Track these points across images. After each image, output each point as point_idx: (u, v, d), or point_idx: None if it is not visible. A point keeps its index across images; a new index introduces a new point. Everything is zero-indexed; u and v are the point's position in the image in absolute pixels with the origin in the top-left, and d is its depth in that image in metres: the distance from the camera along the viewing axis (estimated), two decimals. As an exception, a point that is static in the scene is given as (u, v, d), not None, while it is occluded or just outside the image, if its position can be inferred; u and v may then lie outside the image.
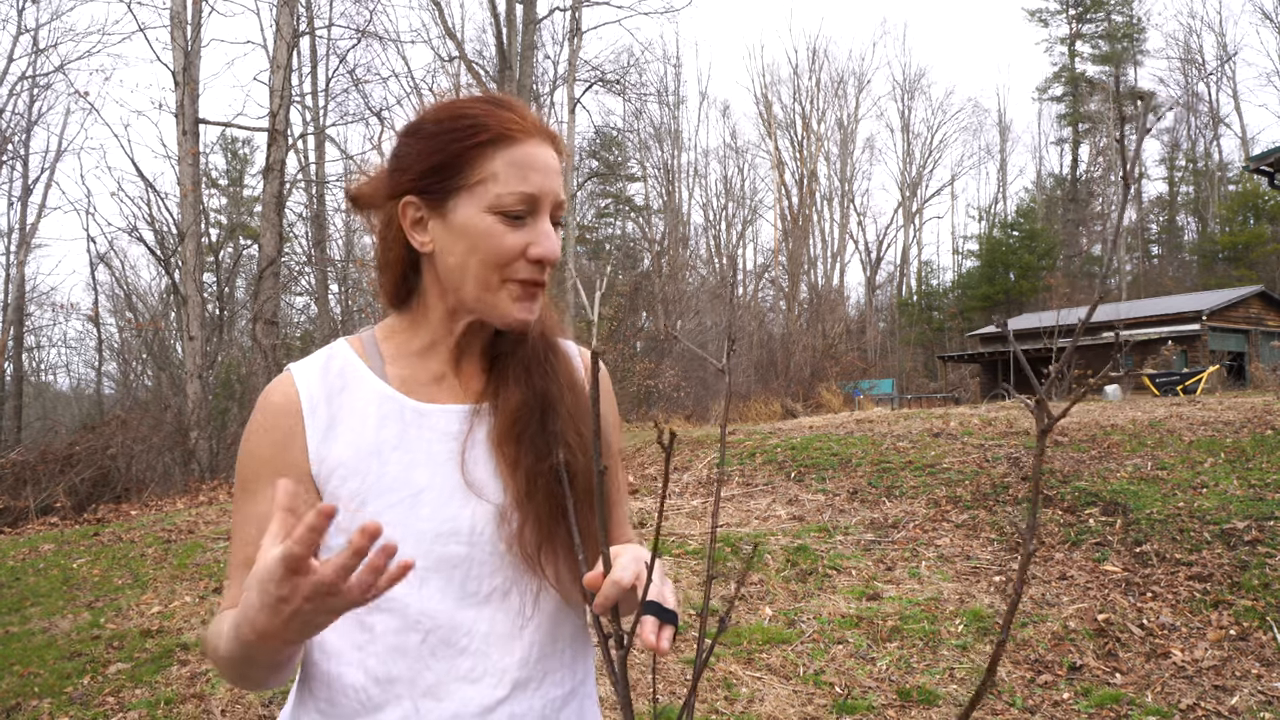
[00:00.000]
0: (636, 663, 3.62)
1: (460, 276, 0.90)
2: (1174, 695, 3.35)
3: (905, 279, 44.11)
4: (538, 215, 0.90)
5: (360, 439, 0.90)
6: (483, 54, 24.10)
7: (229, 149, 32.84)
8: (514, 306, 0.91)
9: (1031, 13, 45.13)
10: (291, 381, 0.92)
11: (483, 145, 0.88)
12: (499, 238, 0.88)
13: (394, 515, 0.88)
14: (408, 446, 0.91)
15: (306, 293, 21.58)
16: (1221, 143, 42.01)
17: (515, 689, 0.90)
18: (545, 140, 0.91)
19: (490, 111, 0.90)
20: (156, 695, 3.52)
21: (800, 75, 45.82)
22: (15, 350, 20.05)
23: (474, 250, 0.89)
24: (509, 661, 0.90)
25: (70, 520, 8.24)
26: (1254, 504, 4.91)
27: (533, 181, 0.88)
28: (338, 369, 0.94)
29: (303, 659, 0.93)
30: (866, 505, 6.01)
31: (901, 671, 3.59)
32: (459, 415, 0.94)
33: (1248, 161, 15.10)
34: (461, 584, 0.89)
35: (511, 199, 0.87)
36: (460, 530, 0.89)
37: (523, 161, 0.88)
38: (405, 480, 0.89)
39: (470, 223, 0.88)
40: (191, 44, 12.59)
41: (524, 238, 0.89)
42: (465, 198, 0.89)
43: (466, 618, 0.89)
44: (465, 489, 0.91)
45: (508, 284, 0.90)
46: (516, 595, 0.92)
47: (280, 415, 0.90)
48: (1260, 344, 25.25)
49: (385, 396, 0.92)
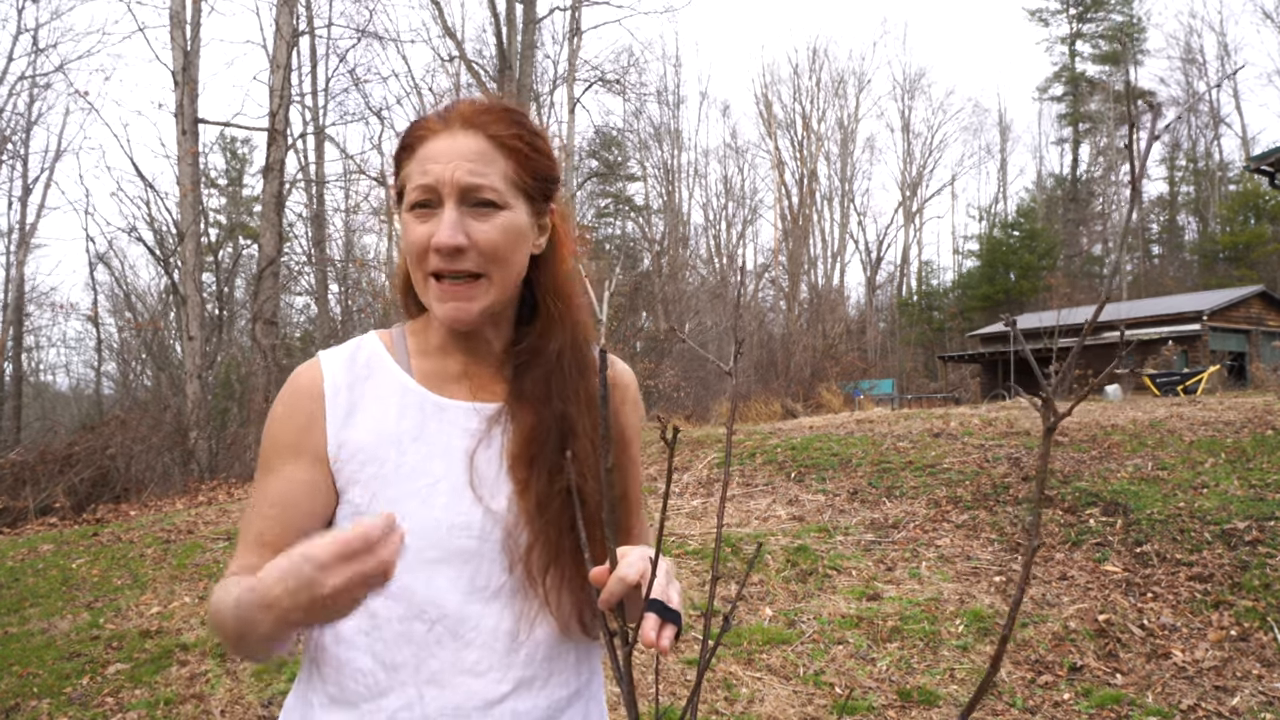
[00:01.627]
0: (638, 663, 3.62)
1: (411, 277, 0.95)
2: (1175, 696, 3.34)
3: (905, 279, 44.13)
4: (445, 205, 0.90)
5: (381, 427, 0.93)
6: (483, 54, 24.08)
7: (228, 149, 32.83)
8: (439, 306, 0.92)
9: (1032, 12, 45.14)
10: (318, 366, 0.96)
11: (402, 153, 0.94)
12: (410, 231, 0.91)
13: (409, 505, 0.90)
14: (427, 439, 0.93)
15: (306, 292, 21.59)
16: (1222, 142, 42.03)
17: (519, 686, 0.91)
18: (464, 130, 0.91)
19: (416, 121, 0.95)
20: (156, 695, 3.51)
21: (800, 75, 45.91)
22: (14, 350, 20.05)
23: (404, 249, 0.94)
24: (514, 659, 0.91)
25: (69, 520, 8.24)
26: (1254, 504, 4.91)
27: (430, 172, 0.90)
28: (364, 358, 0.97)
29: (312, 644, 0.95)
30: (867, 505, 6.00)
31: (902, 672, 3.58)
32: (478, 414, 0.95)
33: (1248, 161, 15.10)
34: (471, 578, 0.90)
35: (414, 194, 0.91)
36: (472, 525, 0.90)
37: (425, 157, 0.91)
38: (422, 471, 0.91)
39: (403, 224, 0.93)
40: (191, 44, 12.58)
41: (429, 229, 0.90)
42: (402, 204, 0.94)
43: (474, 611, 0.90)
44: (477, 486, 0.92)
45: (430, 281, 0.92)
46: (526, 594, 0.92)
47: (303, 398, 0.94)
48: (1261, 344, 25.24)
49: (407, 388, 0.95)
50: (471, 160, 0.90)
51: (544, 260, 0.99)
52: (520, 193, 0.94)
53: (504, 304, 0.96)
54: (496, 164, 0.91)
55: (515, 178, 0.93)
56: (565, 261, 1.01)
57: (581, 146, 30.92)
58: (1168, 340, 22.91)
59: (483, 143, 0.91)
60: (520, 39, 17.71)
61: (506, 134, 0.92)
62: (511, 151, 0.93)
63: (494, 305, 0.93)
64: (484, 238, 0.90)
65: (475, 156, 0.90)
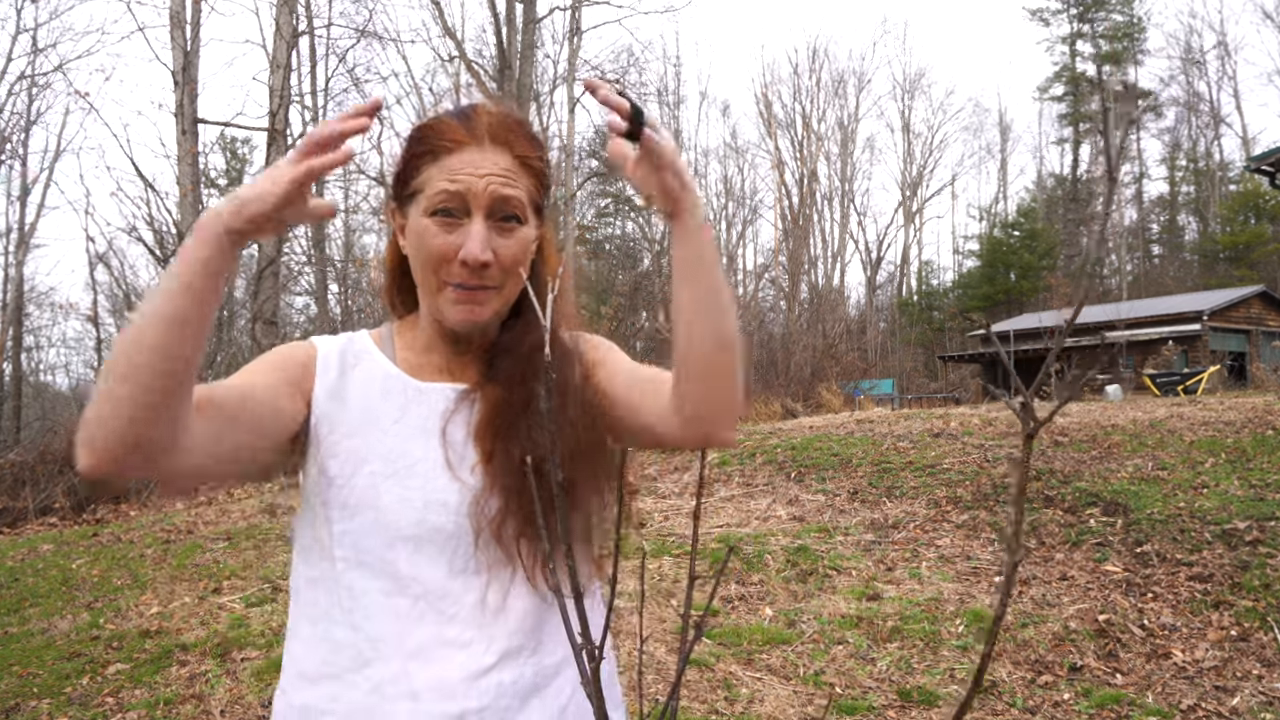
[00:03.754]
0: (636, 664, 3.61)
1: (418, 278, 0.97)
2: (1175, 696, 3.34)
3: (905, 279, 44.12)
4: (472, 215, 0.92)
5: (364, 406, 0.96)
6: (483, 53, 24.07)
7: (228, 149, 32.83)
8: (451, 309, 0.94)
9: (1032, 12, 45.10)
10: (312, 343, 1.00)
11: (423, 156, 0.94)
12: (431, 238, 0.93)
13: (389, 484, 0.92)
14: (406, 420, 0.96)
15: (306, 292, 21.59)
16: (1222, 142, 42.02)
17: (504, 658, 0.91)
18: (493, 145, 0.94)
19: (440, 123, 0.95)
20: (155, 696, 3.51)
21: (800, 75, 45.84)
22: (14, 350, 20.05)
23: (418, 252, 0.95)
24: (497, 630, 0.92)
25: (69, 521, 8.24)
26: (1255, 504, 4.91)
27: (460, 180, 0.91)
28: (355, 350, 1.01)
29: (288, 630, 0.98)
30: (867, 505, 6.00)
31: (902, 672, 3.58)
32: (454, 395, 0.98)
33: (1248, 161, 15.10)
34: (452, 554, 0.92)
35: (439, 198, 0.92)
36: (449, 503, 0.92)
37: (453, 166, 0.92)
38: (401, 451, 0.94)
39: (415, 227, 0.94)
40: (191, 44, 12.57)
41: (455, 240, 0.92)
42: (414, 204, 0.95)
43: (456, 587, 0.91)
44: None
45: (446, 287, 0.94)
46: (504, 565, 0.93)
47: (298, 352, 0.98)
48: (1261, 344, 25.23)
49: (390, 374, 0.99)
50: (503, 176, 0.93)
51: (532, 263, 1.02)
52: (534, 209, 0.98)
53: (506, 309, 1.00)
54: (522, 182, 0.95)
55: (534, 195, 0.98)
56: (550, 265, 1.05)
57: (581, 146, 30.91)
58: (1168, 340, 22.91)
59: (510, 160, 0.95)
60: (520, 39, 17.71)
61: (531, 154, 0.97)
62: (533, 172, 0.97)
63: (502, 311, 0.98)
64: (507, 253, 0.94)
65: (505, 173, 0.94)
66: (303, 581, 0.97)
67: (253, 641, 4.03)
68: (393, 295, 1.07)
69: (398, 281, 1.05)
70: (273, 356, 0.98)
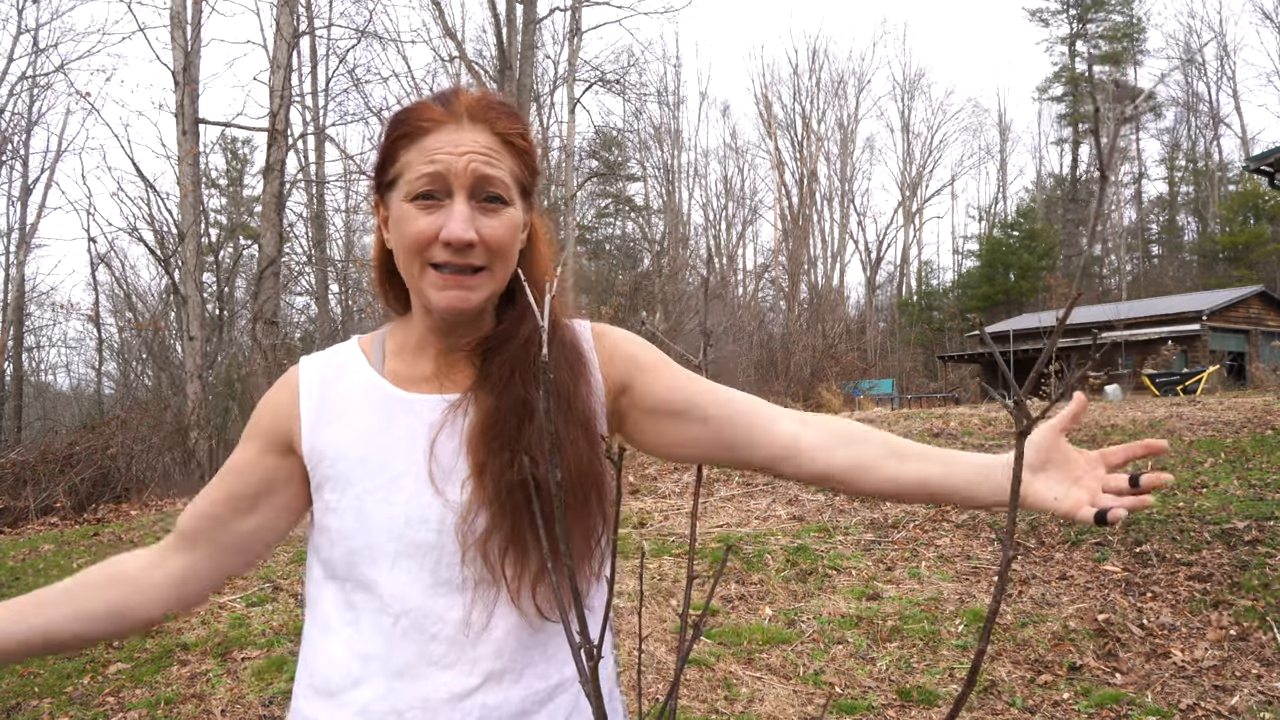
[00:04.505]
0: (635, 664, 3.62)
1: (402, 267, 0.94)
2: (1174, 695, 3.35)
3: (905, 279, 44.12)
4: (453, 196, 0.89)
5: (349, 424, 0.94)
6: (483, 54, 24.09)
7: (229, 149, 32.80)
8: (437, 295, 0.90)
9: (1032, 13, 45.11)
10: (297, 372, 0.99)
11: (399, 140, 0.91)
12: (411, 222, 0.90)
13: (373, 499, 0.91)
14: (392, 433, 0.93)
15: (306, 292, 21.61)
16: (1221, 143, 42.01)
17: (489, 679, 0.88)
18: (472, 123, 0.91)
19: (418, 106, 0.93)
20: (156, 695, 3.52)
21: (800, 75, 45.83)
22: (15, 350, 20.05)
23: (400, 239, 0.92)
24: (481, 651, 0.89)
25: (70, 520, 8.24)
26: (1254, 504, 4.91)
27: (440, 161, 0.89)
28: (338, 363, 0.99)
29: (303, 635, 0.98)
30: (866, 505, 6.01)
31: (901, 671, 3.59)
32: (441, 405, 0.94)
33: (1248, 161, 15.10)
34: (433, 571, 0.89)
35: (419, 181, 0.89)
36: (430, 518, 0.89)
37: (432, 146, 0.89)
38: (384, 465, 0.92)
39: (396, 213, 0.92)
40: (191, 44, 12.58)
41: (436, 221, 0.89)
42: (395, 191, 0.92)
43: (438, 605, 0.89)
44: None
45: (428, 270, 0.91)
46: (489, 584, 0.90)
47: (283, 391, 0.98)
48: (1260, 344, 25.24)
49: (373, 386, 0.96)
50: (484, 154, 0.90)
51: (524, 254, 0.98)
52: (520, 190, 0.94)
53: (497, 296, 0.96)
54: (505, 160, 0.92)
55: (519, 175, 0.94)
56: (542, 254, 1.02)
57: (581, 146, 30.92)
58: (1167, 340, 22.91)
59: (491, 138, 0.91)
60: (520, 39, 17.71)
61: (512, 131, 0.93)
62: (516, 149, 0.93)
63: (492, 297, 0.94)
64: (492, 234, 0.90)
65: (486, 150, 0.90)
66: (314, 591, 0.97)
67: (253, 641, 4.03)
68: (385, 292, 1.03)
69: (386, 278, 1.01)
70: (257, 419, 0.99)
